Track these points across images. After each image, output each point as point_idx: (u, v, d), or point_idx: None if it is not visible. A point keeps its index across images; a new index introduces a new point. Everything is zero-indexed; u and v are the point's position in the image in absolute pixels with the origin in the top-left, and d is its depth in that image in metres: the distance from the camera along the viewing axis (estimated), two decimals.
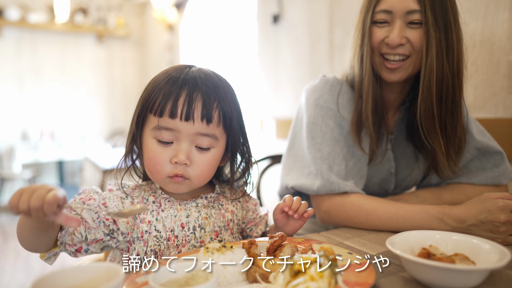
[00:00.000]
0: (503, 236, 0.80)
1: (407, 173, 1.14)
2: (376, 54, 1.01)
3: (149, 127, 0.79)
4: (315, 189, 1.00)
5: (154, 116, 0.77)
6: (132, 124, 0.82)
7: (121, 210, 0.78)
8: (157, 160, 0.78)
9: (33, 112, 5.05)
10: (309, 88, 1.12)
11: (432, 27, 0.93)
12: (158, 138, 0.78)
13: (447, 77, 0.96)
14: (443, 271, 0.57)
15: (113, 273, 0.52)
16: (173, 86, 0.76)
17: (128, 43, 5.70)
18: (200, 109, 0.76)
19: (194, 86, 0.77)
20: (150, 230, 0.80)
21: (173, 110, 0.75)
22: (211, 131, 0.78)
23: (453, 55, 0.96)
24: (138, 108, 0.80)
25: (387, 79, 1.02)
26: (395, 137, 1.12)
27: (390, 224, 0.91)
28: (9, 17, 4.67)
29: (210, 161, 0.80)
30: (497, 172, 1.05)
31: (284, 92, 2.58)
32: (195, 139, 0.78)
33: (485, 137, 1.08)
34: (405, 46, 0.98)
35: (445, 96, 0.98)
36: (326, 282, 0.54)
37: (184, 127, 0.76)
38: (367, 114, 1.03)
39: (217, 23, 4.02)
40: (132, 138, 0.82)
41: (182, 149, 0.77)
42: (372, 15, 0.99)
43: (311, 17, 2.27)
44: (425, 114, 0.99)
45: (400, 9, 0.95)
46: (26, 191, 0.60)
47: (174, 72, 0.79)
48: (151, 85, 0.80)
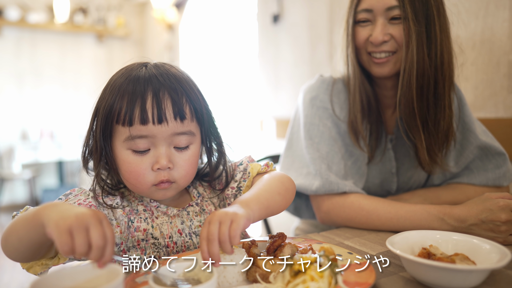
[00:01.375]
0: (504, 236, 0.80)
1: (410, 175, 1.13)
2: (364, 53, 1.03)
3: (119, 139, 0.73)
4: (314, 189, 1.00)
5: (123, 127, 0.71)
6: (97, 141, 0.75)
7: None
8: (138, 171, 0.73)
9: (33, 112, 5.04)
10: (306, 88, 1.12)
11: (411, 21, 0.94)
12: (133, 149, 0.72)
13: (428, 71, 0.96)
14: (444, 271, 0.57)
15: (113, 273, 0.52)
16: (136, 88, 0.71)
17: (128, 43, 5.70)
18: (171, 108, 0.72)
19: (159, 84, 0.72)
20: (147, 238, 0.77)
21: (142, 115, 0.70)
22: (186, 128, 0.74)
23: (436, 48, 0.96)
24: (101, 122, 0.73)
25: (377, 74, 1.02)
26: (396, 137, 1.11)
27: (391, 224, 0.91)
28: (8, 17, 4.67)
29: (192, 158, 0.77)
30: (498, 174, 1.05)
31: (284, 92, 2.58)
32: (172, 140, 0.74)
33: (488, 137, 1.07)
34: (390, 42, 0.98)
35: (426, 90, 0.97)
36: (326, 282, 0.54)
37: (159, 131, 0.71)
38: (355, 112, 1.04)
39: (217, 23, 4.02)
40: (100, 155, 0.76)
41: (162, 154, 0.72)
42: (354, 15, 1.01)
43: (311, 17, 2.27)
44: (405, 109, 0.99)
45: (380, 7, 0.96)
46: (77, 229, 0.50)
47: (131, 73, 0.74)
48: (110, 92, 0.74)
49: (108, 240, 0.51)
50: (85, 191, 0.77)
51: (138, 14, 5.77)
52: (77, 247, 0.49)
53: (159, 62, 0.79)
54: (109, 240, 0.51)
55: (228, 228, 0.57)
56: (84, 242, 0.50)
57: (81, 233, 0.50)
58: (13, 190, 4.98)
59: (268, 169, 0.90)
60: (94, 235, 0.50)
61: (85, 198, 0.75)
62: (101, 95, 0.76)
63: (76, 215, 0.51)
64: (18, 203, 5.00)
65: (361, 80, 1.04)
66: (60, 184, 5.08)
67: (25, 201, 4.99)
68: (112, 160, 0.76)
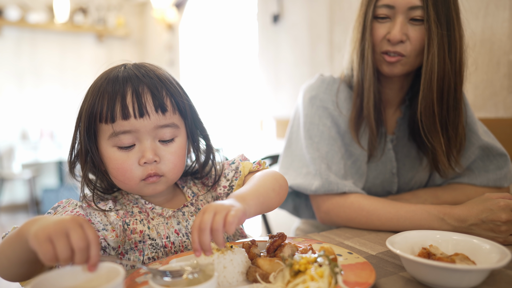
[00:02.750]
0: (504, 236, 0.80)
1: (412, 175, 1.12)
2: (376, 51, 1.00)
3: (104, 138, 0.74)
4: (313, 189, 0.99)
5: (106, 124, 0.72)
6: (82, 142, 0.76)
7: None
8: (125, 167, 0.73)
9: (33, 112, 5.04)
10: (306, 88, 1.11)
11: (434, 23, 0.92)
12: (118, 145, 0.73)
13: (448, 74, 0.95)
14: (444, 271, 0.57)
15: (113, 273, 0.52)
16: (115, 86, 0.72)
17: (128, 43, 5.70)
18: (151, 101, 0.72)
19: (137, 81, 0.73)
20: (144, 239, 0.77)
21: (124, 110, 0.71)
22: (169, 120, 0.75)
23: (455, 53, 0.95)
24: (84, 123, 0.75)
25: (388, 73, 1.01)
26: (397, 138, 1.11)
27: (391, 224, 0.91)
28: (8, 17, 4.67)
29: (178, 151, 0.77)
30: (499, 175, 1.05)
31: (284, 92, 2.58)
32: (156, 134, 0.74)
33: (489, 138, 1.07)
34: (405, 43, 0.96)
35: (446, 94, 0.97)
36: (326, 282, 0.54)
37: (141, 124, 0.72)
38: (369, 109, 1.01)
39: (217, 23, 4.02)
40: (86, 156, 0.77)
41: (147, 147, 0.73)
42: (374, 9, 0.98)
43: (311, 17, 2.27)
44: (426, 111, 0.98)
45: (403, 4, 0.94)
46: (56, 235, 0.49)
47: (110, 74, 0.76)
48: (90, 94, 0.75)
49: (90, 241, 0.51)
50: (73, 201, 0.76)
51: (138, 14, 5.77)
52: (59, 253, 0.48)
53: (139, 62, 0.81)
54: (92, 241, 0.51)
55: (223, 218, 0.55)
56: (66, 247, 0.49)
57: (61, 239, 0.49)
58: (13, 190, 4.98)
59: (260, 167, 0.90)
60: (74, 238, 0.49)
61: (72, 209, 0.74)
62: (83, 99, 0.77)
63: (54, 222, 0.51)
64: (18, 203, 4.99)
65: (375, 76, 1.01)
66: (60, 184, 5.08)
67: (25, 201, 4.99)
68: (99, 160, 0.76)
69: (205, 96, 4.26)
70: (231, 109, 3.83)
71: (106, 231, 0.74)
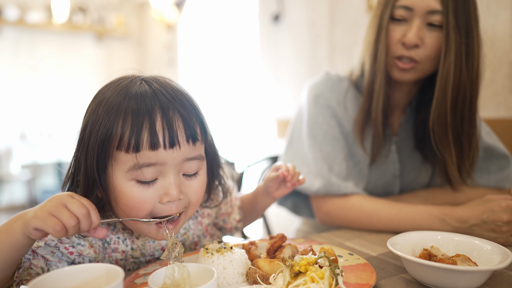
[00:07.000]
0: (505, 236, 0.79)
1: (413, 177, 1.11)
2: (389, 54, 0.97)
3: (121, 169, 0.61)
4: (314, 189, 0.99)
5: (127, 154, 0.60)
6: (89, 170, 0.62)
7: None
8: (143, 206, 0.62)
9: (32, 113, 5.03)
10: (311, 85, 1.10)
11: (452, 30, 0.89)
12: (138, 179, 0.62)
13: (464, 84, 0.91)
14: (445, 272, 0.57)
15: (112, 274, 0.52)
16: (140, 108, 0.60)
17: (127, 42, 5.69)
18: (183, 129, 0.62)
19: (166, 102, 0.61)
20: (126, 258, 0.72)
21: (153, 139, 0.59)
22: (197, 152, 0.65)
23: (473, 62, 0.91)
24: (96, 148, 0.61)
25: (398, 79, 0.98)
26: (400, 139, 1.10)
27: (392, 226, 0.90)
28: (7, 17, 4.65)
29: (202, 185, 0.69)
30: (501, 176, 1.04)
31: (285, 92, 2.57)
32: (182, 167, 0.64)
33: (492, 139, 1.06)
34: (419, 48, 0.93)
35: (461, 104, 0.92)
36: (326, 283, 0.53)
37: (170, 156, 0.61)
38: (377, 113, 0.99)
39: (217, 23, 4.02)
40: (92, 186, 0.64)
41: (172, 184, 0.63)
42: (391, 10, 0.94)
43: (312, 17, 2.26)
44: (438, 121, 0.94)
45: (422, 7, 0.91)
46: (56, 209, 0.52)
47: (129, 89, 0.62)
48: (105, 112, 0.61)
49: (88, 207, 0.54)
50: None
51: (137, 14, 5.77)
52: (66, 222, 0.52)
53: (154, 75, 0.68)
54: (90, 207, 0.54)
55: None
56: (70, 216, 0.52)
57: (62, 210, 0.52)
58: (12, 191, 4.97)
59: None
60: (74, 207, 0.53)
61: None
62: (91, 115, 0.63)
63: (48, 201, 0.54)
64: (17, 204, 4.98)
65: (386, 80, 0.98)
66: (59, 185, 5.06)
67: (24, 202, 4.98)
68: (106, 191, 0.64)
69: (205, 96, 4.26)
70: (231, 109, 3.82)
71: (82, 247, 0.68)
